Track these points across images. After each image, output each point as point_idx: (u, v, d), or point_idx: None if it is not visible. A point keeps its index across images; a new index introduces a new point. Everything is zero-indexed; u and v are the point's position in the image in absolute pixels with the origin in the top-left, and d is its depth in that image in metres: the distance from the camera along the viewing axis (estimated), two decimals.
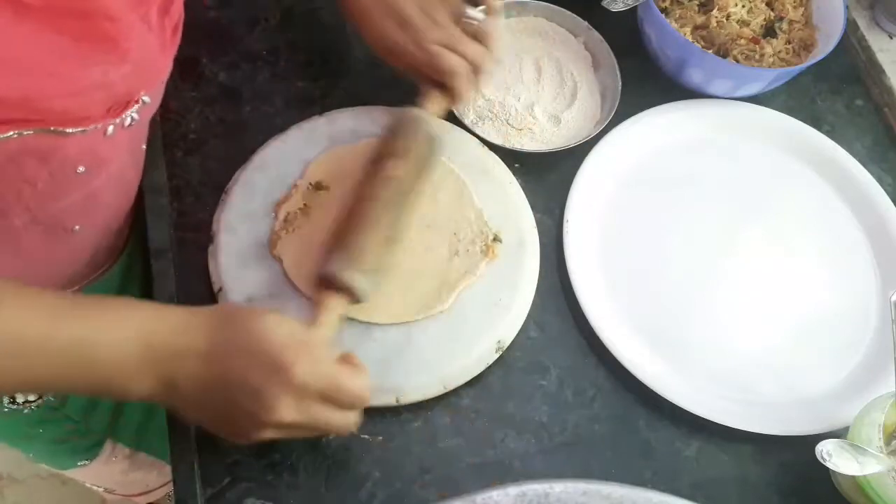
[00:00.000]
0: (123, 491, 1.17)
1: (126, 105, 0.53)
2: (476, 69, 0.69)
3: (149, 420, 1.01)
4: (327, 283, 0.61)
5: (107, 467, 1.04)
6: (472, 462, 0.64)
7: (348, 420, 0.56)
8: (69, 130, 0.49)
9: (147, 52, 0.53)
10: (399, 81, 0.80)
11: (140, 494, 1.20)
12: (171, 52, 0.58)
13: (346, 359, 0.57)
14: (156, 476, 1.15)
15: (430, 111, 0.69)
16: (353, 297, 0.60)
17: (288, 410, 0.52)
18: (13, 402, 0.78)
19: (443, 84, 0.69)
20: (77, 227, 0.62)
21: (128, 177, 0.66)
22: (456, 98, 0.70)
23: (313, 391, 0.53)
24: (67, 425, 0.88)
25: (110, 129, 0.53)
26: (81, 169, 0.54)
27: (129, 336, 0.51)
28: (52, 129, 0.48)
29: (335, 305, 0.60)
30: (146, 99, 0.55)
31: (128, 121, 0.54)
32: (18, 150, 0.48)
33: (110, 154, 0.57)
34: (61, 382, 0.54)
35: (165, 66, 0.58)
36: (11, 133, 0.46)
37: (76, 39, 0.46)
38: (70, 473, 1.06)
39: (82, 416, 0.88)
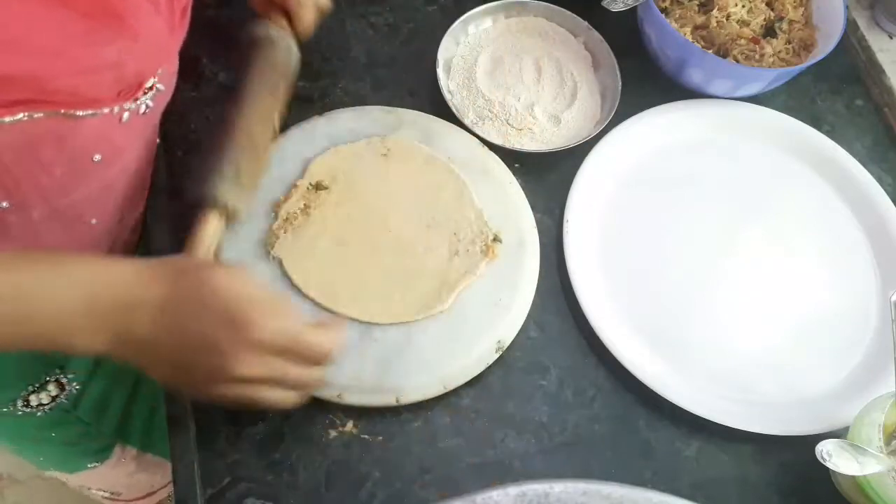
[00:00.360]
0: (129, 494, 1.17)
1: (137, 88, 0.53)
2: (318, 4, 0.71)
3: (154, 419, 1.01)
4: (200, 204, 0.61)
5: (114, 470, 1.04)
6: (472, 462, 0.64)
7: (314, 376, 0.56)
8: (80, 113, 0.49)
9: (155, 34, 0.53)
10: (398, 81, 0.81)
11: (145, 497, 1.20)
12: (180, 35, 0.58)
13: (320, 324, 0.56)
14: (160, 477, 1.15)
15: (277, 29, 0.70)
16: (220, 206, 0.61)
17: (249, 365, 0.52)
18: (27, 405, 0.77)
19: (287, 13, 0.70)
20: (94, 221, 0.62)
21: (142, 169, 0.66)
22: (299, 27, 0.71)
23: (276, 346, 0.52)
24: (78, 427, 0.88)
25: (126, 115, 0.53)
26: (97, 157, 0.54)
27: (73, 288, 0.50)
28: (62, 111, 0.48)
29: (209, 221, 0.60)
30: (160, 87, 0.55)
31: (142, 108, 0.54)
32: (33, 134, 0.48)
33: (125, 143, 0.57)
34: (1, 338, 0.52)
35: (174, 50, 0.58)
36: (21, 115, 0.46)
37: (83, 15, 0.46)
38: (78, 477, 1.06)
39: (93, 418, 0.88)
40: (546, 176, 0.77)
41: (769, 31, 0.81)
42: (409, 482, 0.62)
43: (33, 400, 0.77)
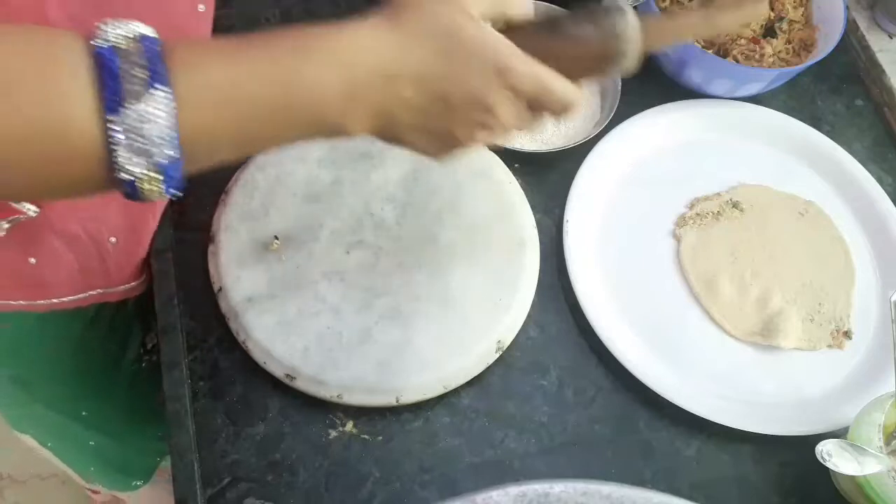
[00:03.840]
0: None
1: None
2: None
3: None
4: None
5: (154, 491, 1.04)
6: (472, 462, 0.64)
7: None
8: None
9: None
10: None
11: None
12: None
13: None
14: None
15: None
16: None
17: (508, 110, 0.50)
18: (145, 350, 0.81)
19: None
20: None
21: None
22: None
23: (527, 91, 0.50)
24: None
25: None
26: None
27: (327, 67, 0.46)
28: None
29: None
30: None
31: None
32: None
33: None
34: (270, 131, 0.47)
35: None
36: None
37: None
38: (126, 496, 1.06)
39: None
40: (546, 176, 0.77)
41: (769, 31, 0.81)
42: (409, 482, 0.62)
43: (148, 341, 0.79)
